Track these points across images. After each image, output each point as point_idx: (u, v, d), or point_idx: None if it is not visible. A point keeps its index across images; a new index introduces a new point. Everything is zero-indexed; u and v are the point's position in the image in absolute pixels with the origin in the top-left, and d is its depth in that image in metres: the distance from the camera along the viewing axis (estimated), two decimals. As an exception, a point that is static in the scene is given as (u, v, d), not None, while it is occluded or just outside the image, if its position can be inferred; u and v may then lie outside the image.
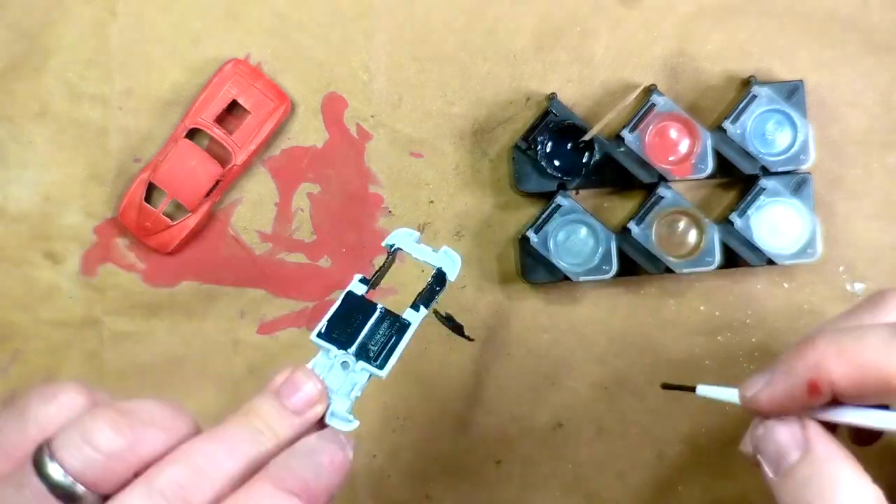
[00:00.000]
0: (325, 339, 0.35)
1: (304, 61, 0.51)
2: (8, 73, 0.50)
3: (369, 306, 0.36)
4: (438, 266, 0.36)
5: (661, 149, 0.49)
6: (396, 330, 0.36)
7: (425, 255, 0.37)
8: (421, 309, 0.36)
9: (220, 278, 0.51)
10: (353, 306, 0.36)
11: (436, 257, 0.37)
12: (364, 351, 0.35)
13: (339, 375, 0.35)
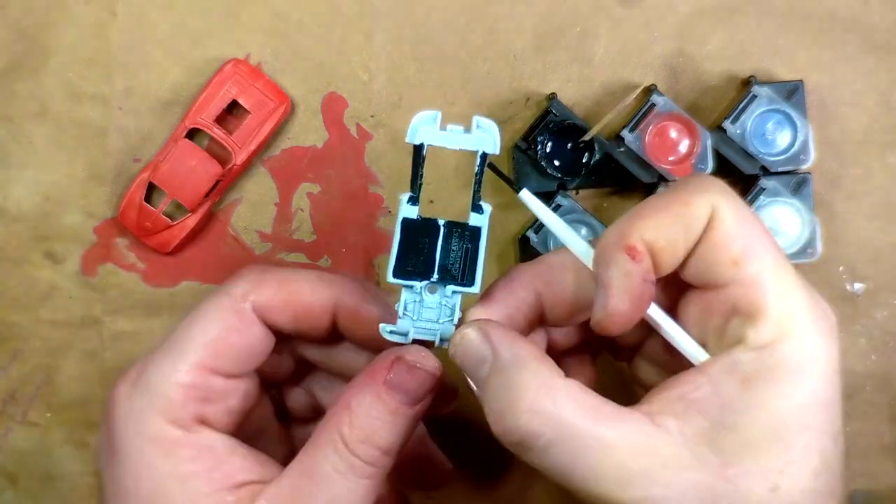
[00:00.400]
0: (403, 276, 0.33)
1: (304, 61, 0.51)
2: (8, 73, 0.50)
3: (431, 225, 0.34)
4: (476, 148, 0.33)
5: (661, 149, 0.49)
6: (469, 240, 0.34)
7: (457, 141, 0.33)
8: (484, 208, 0.34)
9: (220, 278, 0.51)
10: (415, 231, 0.34)
11: (470, 139, 0.33)
12: (447, 272, 0.34)
13: (432, 305, 0.34)
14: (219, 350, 0.35)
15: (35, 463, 0.50)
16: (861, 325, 0.51)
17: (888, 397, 0.51)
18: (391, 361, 0.34)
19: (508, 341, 0.32)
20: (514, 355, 0.31)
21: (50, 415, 0.50)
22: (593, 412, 0.30)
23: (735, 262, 0.31)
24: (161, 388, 0.34)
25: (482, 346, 0.32)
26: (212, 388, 0.35)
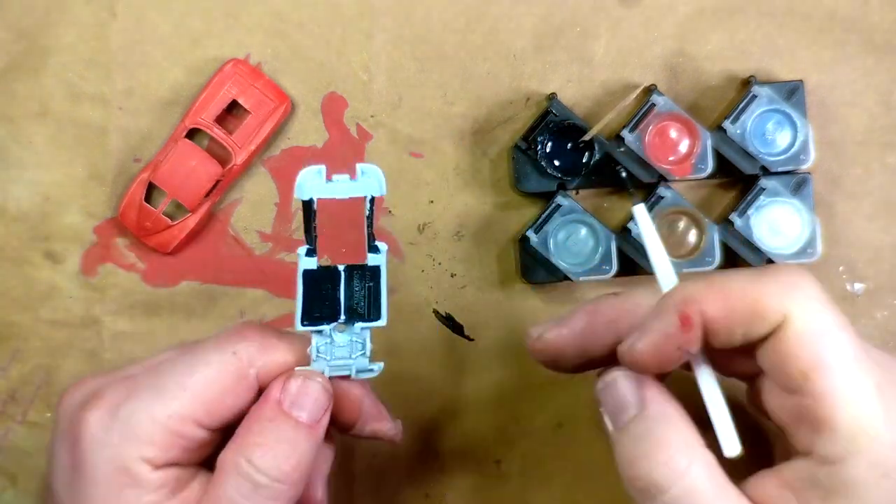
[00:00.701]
0: (311, 322, 0.35)
1: (304, 61, 0.51)
2: (8, 73, 0.50)
3: (332, 272, 0.35)
4: (364, 194, 0.34)
5: (661, 149, 0.49)
6: (370, 278, 0.35)
7: (344, 191, 0.34)
8: (380, 248, 0.36)
9: (220, 278, 0.51)
10: (316, 279, 0.35)
11: (356, 186, 0.34)
12: (353, 312, 0.35)
13: (342, 343, 0.35)
14: (212, 408, 0.35)
15: (35, 463, 0.50)
16: (861, 325, 0.51)
17: (888, 397, 0.51)
18: (283, 382, 0.35)
19: (661, 398, 0.33)
20: (664, 412, 0.33)
21: (50, 415, 0.50)
22: (720, 489, 0.31)
23: (804, 376, 0.30)
24: (144, 428, 0.34)
25: (632, 395, 0.33)
26: (193, 439, 0.35)
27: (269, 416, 0.35)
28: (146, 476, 0.34)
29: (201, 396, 0.35)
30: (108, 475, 0.34)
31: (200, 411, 0.35)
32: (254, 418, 0.35)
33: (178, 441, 0.34)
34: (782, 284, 0.31)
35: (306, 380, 0.35)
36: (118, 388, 0.35)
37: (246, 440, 0.34)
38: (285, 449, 0.34)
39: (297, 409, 0.35)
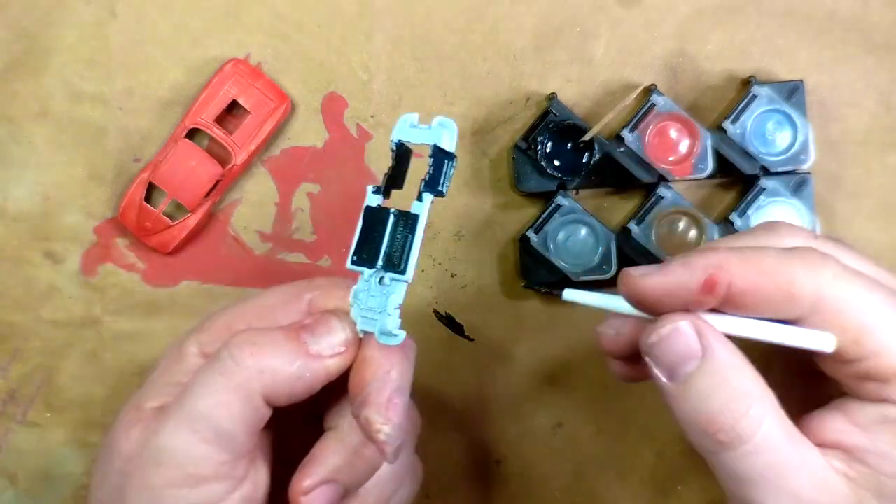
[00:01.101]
0: (358, 264, 0.34)
1: (304, 61, 0.51)
2: (8, 73, 0.50)
3: (384, 213, 0.34)
4: (433, 142, 0.34)
5: (661, 149, 0.49)
6: (409, 228, 0.34)
7: (420, 136, 0.34)
8: (424, 196, 0.34)
9: (220, 278, 0.51)
10: (374, 220, 0.34)
11: (429, 134, 0.34)
12: (390, 261, 0.34)
13: (378, 294, 0.34)
14: (264, 314, 0.37)
15: (35, 463, 0.50)
16: (861, 325, 0.51)
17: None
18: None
19: (726, 345, 0.32)
20: (731, 360, 0.32)
21: (50, 415, 0.50)
22: (792, 434, 0.32)
23: (856, 342, 0.32)
24: (176, 458, 0.34)
25: (693, 342, 0.32)
26: (218, 462, 0.35)
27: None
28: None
29: (212, 423, 0.34)
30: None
31: (252, 315, 0.37)
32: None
33: (205, 466, 0.35)
34: (811, 267, 0.32)
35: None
36: (151, 409, 0.37)
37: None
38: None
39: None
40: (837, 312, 0.31)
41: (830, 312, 0.32)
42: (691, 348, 0.32)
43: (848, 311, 0.31)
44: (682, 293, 0.32)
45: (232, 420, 0.34)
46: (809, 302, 0.31)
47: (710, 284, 0.31)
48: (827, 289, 0.31)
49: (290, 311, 0.37)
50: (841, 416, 0.33)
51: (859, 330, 0.31)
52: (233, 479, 0.35)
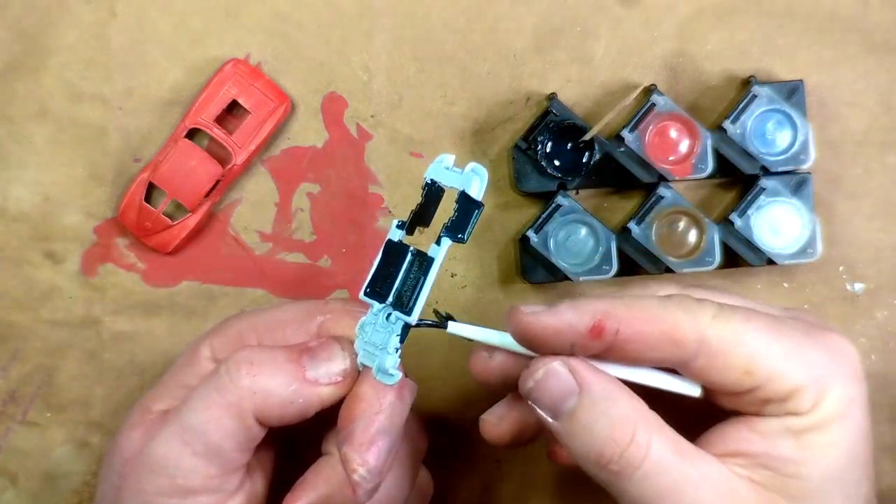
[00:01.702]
0: (370, 296, 0.34)
1: (304, 61, 0.51)
2: (8, 73, 0.50)
3: (402, 250, 0.34)
4: (462, 187, 0.33)
5: (661, 149, 0.49)
6: (422, 270, 0.34)
7: (450, 179, 0.34)
8: (443, 241, 0.34)
9: (220, 278, 0.51)
10: (393, 254, 0.34)
11: (460, 178, 0.33)
12: (399, 299, 0.34)
13: (383, 330, 0.34)
14: (273, 327, 0.38)
15: (35, 463, 0.50)
16: (861, 325, 0.51)
17: (888, 397, 0.51)
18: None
19: (597, 375, 0.33)
20: (606, 389, 0.33)
21: (50, 415, 0.50)
22: (682, 450, 0.32)
23: (748, 373, 0.33)
24: (167, 467, 0.35)
25: (568, 379, 0.33)
26: (210, 476, 0.35)
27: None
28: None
29: (208, 438, 0.35)
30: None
31: (264, 328, 0.38)
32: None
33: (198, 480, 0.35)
34: (690, 310, 0.33)
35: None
36: (153, 419, 0.38)
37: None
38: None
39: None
40: (722, 350, 0.32)
41: (716, 351, 0.32)
42: (567, 385, 0.33)
43: (732, 347, 0.32)
44: (570, 335, 0.32)
45: (223, 436, 0.34)
46: (693, 344, 0.32)
47: (598, 329, 0.32)
48: (708, 329, 0.32)
49: (301, 330, 0.37)
50: (744, 427, 0.33)
51: (748, 362, 0.32)
52: (222, 493, 0.35)
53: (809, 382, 0.33)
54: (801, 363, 0.33)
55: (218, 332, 0.38)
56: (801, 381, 0.33)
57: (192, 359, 0.38)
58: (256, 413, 0.34)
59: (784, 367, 0.33)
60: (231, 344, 0.38)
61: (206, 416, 0.34)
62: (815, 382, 0.33)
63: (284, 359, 0.35)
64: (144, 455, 0.35)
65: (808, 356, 0.33)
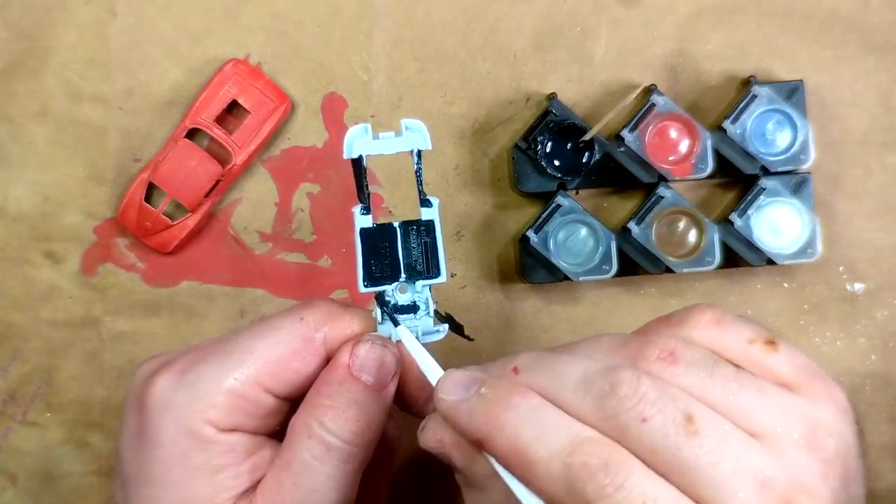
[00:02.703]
0: (373, 283, 0.35)
1: (304, 61, 0.51)
2: (8, 73, 0.50)
3: (388, 229, 0.35)
4: (410, 148, 0.34)
5: (661, 149, 0.49)
6: (425, 234, 0.35)
7: (392, 146, 0.34)
8: (432, 202, 0.35)
9: (220, 278, 0.51)
10: (373, 238, 0.35)
11: (402, 141, 0.34)
12: (412, 269, 0.35)
13: (406, 303, 0.35)
14: (278, 371, 0.35)
15: (35, 463, 0.50)
16: (861, 325, 0.51)
17: (888, 397, 0.51)
18: (352, 347, 0.35)
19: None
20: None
21: (50, 415, 0.50)
22: None
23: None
24: (209, 389, 0.34)
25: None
26: (259, 404, 0.35)
27: (339, 380, 0.35)
28: (212, 438, 0.34)
29: (267, 359, 0.35)
30: (174, 437, 0.34)
31: (266, 375, 0.35)
32: (323, 382, 0.35)
33: (243, 405, 0.34)
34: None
35: (374, 344, 0.35)
36: (188, 356, 0.35)
37: (316, 402, 0.34)
38: (355, 411, 0.34)
39: (366, 373, 0.35)
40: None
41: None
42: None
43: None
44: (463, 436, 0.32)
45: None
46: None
47: (480, 445, 0.31)
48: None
49: (308, 356, 0.36)
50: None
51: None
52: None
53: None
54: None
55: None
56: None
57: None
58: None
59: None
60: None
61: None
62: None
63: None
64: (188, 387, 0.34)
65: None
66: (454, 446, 0.33)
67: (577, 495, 0.27)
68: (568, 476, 0.27)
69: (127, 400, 0.36)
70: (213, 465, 0.34)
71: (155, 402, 0.34)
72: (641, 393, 0.28)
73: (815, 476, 0.28)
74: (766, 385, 0.29)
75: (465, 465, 0.33)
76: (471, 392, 0.32)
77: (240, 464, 0.34)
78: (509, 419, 0.30)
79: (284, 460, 0.34)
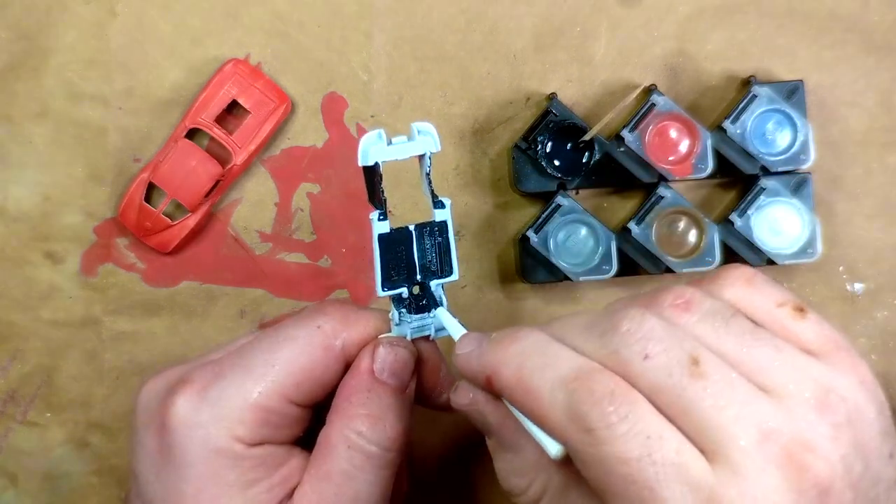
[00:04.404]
0: (391, 287, 0.35)
1: (304, 61, 0.51)
2: (8, 73, 0.50)
3: (403, 233, 0.35)
4: (423, 151, 0.34)
5: (661, 149, 0.49)
6: (439, 234, 0.36)
7: (406, 151, 0.34)
8: (444, 203, 0.36)
9: (220, 278, 0.51)
10: (390, 243, 0.35)
11: (416, 145, 0.34)
12: (426, 271, 0.36)
13: (421, 304, 0.36)
14: (301, 382, 0.35)
15: (35, 463, 0.50)
16: (861, 325, 0.51)
17: (888, 397, 0.51)
18: (371, 351, 0.36)
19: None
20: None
21: (50, 415, 0.50)
22: None
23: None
24: (234, 406, 0.34)
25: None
26: (285, 415, 0.35)
27: (367, 387, 0.35)
28: (242, 453, 0.34)
29: (290, 371, 0.35)
30: (202, 457, 0.33)
31: (290, 386, 0.35)
32: (351, 390, 0.35)
33: (269, 418, 0.34)
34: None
35: (394, 346, 0.36)
36: (204, 372, 0.35)
37: (350, 413, 0.34)
38: (392, 418, 0.35)
39: (391, 377, 0.35)
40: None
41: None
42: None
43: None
44: (479, 381, 0.32)
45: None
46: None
47: (489, 383, 0.31)
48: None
49: (330, 364, 0.36)
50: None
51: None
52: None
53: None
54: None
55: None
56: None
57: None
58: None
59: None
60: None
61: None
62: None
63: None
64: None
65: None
66: (486, 402, 0.33)
67: (580, 423, 0.26)
68: (571, 403, 0.27)
69: (139, 419, 0.36)
70: (245, 480, 0.34)
71: (178, 422, 0.34)
72: (645, 329, 0.27)
73: (823, 437, 0.26)
74: (784, 344, 0.28)
75: (498, 421, 0.33)
76: (483, 341, 0.32)
77: (272, 476, 0.34)
78: (514, 350, 0.30)
79: (324, 472, 0.34)
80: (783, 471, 0.25)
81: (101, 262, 0.51)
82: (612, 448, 0.26)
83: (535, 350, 0.29)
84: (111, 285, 0.51)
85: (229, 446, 0.34)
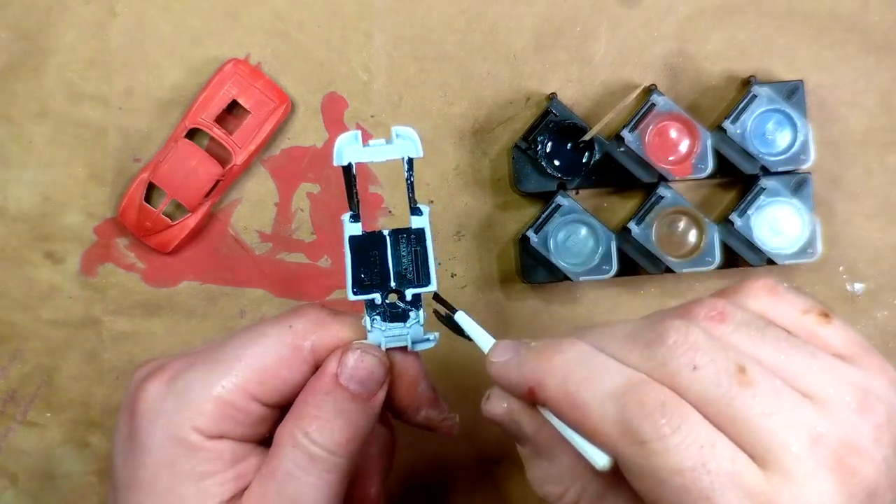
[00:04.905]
0: (362, 291, 0.35)
1: (304, 61, 0.51)
2: (8, 73, 0.50)
3: (377, 237, 0.35)
4: (401, 156, 0.33)
5: (661, 149, 0.49)
6: (416, 242, 0.35)
7: (382, 153, 0.33)
8: (422, 210, 0.35)
9: (220, 278, 0.51)
10: (363, 245, 0.34)
11: (393, 148, 0.33)
12: (402, 279, 0.35)
13: (396, 311, 0.35)
14: (266, 380, 0.35)
15: (35, 463, 0.50)
16: (861, 325, 0.51)
17: (888, 397, 0.51)
18: (340, 356, 0.35)
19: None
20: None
21: (50, 415, 0.50)
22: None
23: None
24: (197, 396, 0.34)
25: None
26: (247, 412, 0.35)
27: (326, 389, 0.35)
28: (199, 444, 0.34)
29: (255, 367, 0.35)
30: (161, 443, 0.34)
31: (254, 383, 0.35)
32: (310, 391, 0.35)
33: (230, 412, 0.34)
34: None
35: (363, 353, 0.35)
36: (179, 362, 0.36)
37: (302, 412, 0.34)
38: (341, 422, 0.34)
39: (354, 383, 0.35)
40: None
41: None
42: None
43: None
44: (519, 391, 0.32)
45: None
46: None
47: (532, 394, 0.31)
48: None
49: (296, 365, 0.36)
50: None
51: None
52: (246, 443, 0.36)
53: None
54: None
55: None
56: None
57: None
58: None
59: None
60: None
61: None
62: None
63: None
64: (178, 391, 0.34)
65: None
66: (522, 411, 0.33)
67: (632, 436, 0.27)
68: (623, 417, 0.27)
69: (122, 405, 0.36)
70: (199, 471, 0.34)
71: (145, 408, 0.34)
72: (692, 341, 0.27)
73: (867, 439, 0.27)
74: (818, 351, 0.29)
75: (534, 430, 0.33)
76: (520, 350, 0.32)
77: (226, 471, 0.34)
78: (559, 362, 0.29)
79: (270, 469, 0.34)
80: (834, 475, 0.26)
81: (101, 262, 0.51)
82: (666, 460, 0.26)
83: (581, 362, 0.29)
84: (111, 285, 0.51)
85: (187, 436, 0.34)
